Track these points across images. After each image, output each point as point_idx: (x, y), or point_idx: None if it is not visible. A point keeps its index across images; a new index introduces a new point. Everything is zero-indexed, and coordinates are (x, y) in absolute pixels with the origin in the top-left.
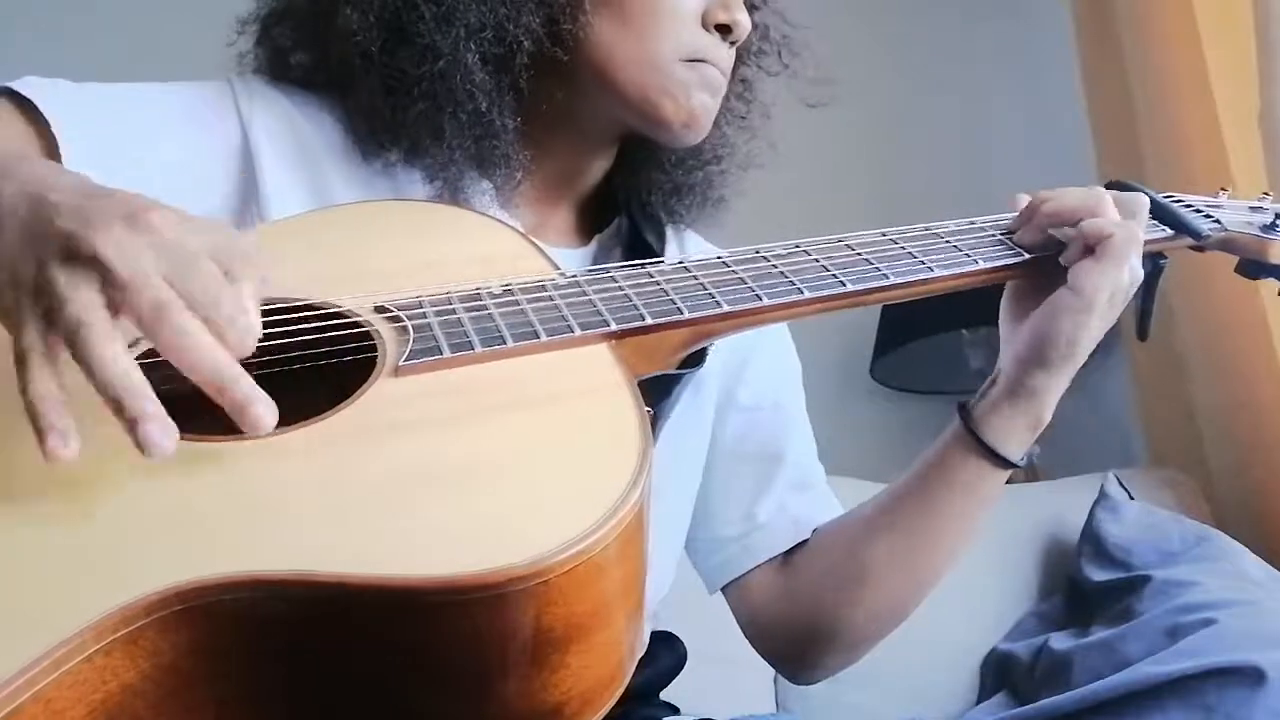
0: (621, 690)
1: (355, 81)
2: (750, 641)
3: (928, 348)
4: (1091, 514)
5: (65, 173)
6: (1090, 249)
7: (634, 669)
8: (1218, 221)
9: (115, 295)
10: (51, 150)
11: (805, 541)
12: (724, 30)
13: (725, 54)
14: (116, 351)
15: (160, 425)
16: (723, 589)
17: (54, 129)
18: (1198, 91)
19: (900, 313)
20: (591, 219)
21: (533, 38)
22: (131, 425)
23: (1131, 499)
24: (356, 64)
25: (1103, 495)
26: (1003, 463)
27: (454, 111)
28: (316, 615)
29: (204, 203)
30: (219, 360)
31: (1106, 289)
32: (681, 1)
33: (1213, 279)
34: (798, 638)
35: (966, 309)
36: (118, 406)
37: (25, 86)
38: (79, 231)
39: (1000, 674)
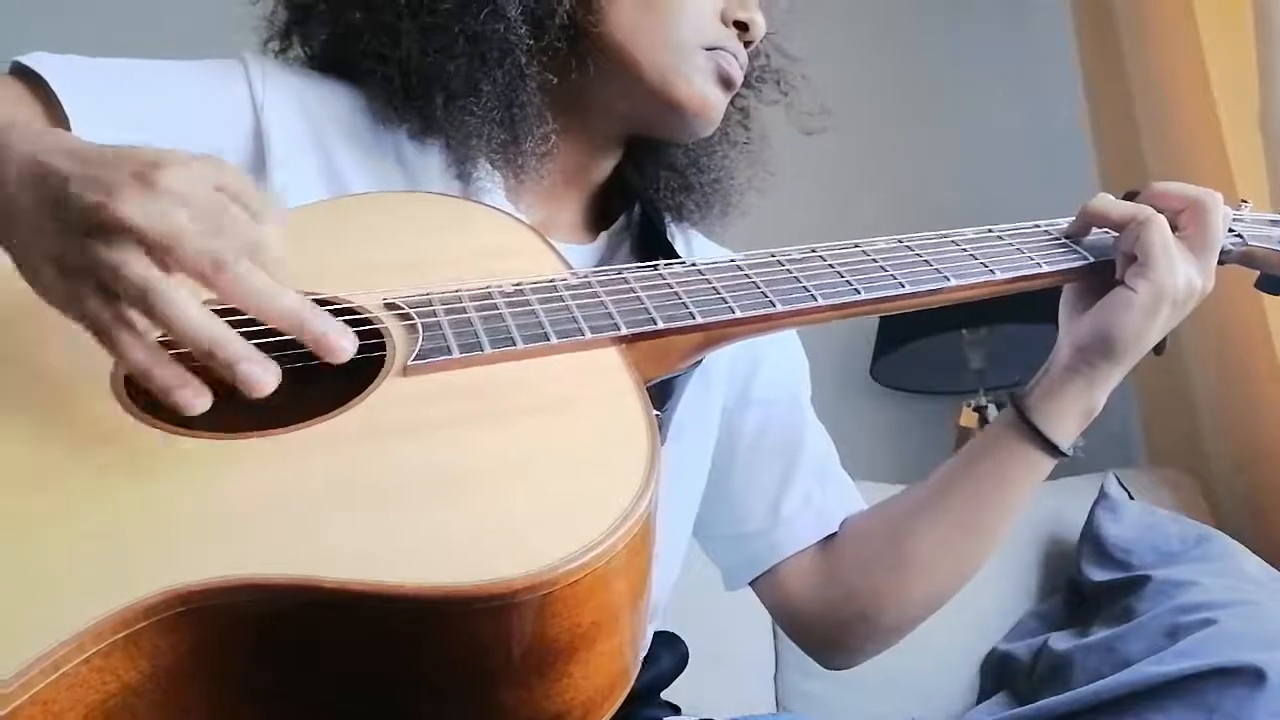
0: (624, 697)
1: (394, 34)
2: (782, 628)
3: (928, 348)
4: (1091, 514)
5: (53, 136)
6: (1133, 254)
7: (637, 674)
8: (1239, 236)
9: (160, 258)
10: (64, 128)
11: (836, 532)
12: (741, 28)
13: (740, 51)
14: (190, 304)
15: (259, 363)
16: (751, 582)
17: (65, 107)
18: (1198, 92)
19: (901, 313)
20: (598, 215)
21: (569, 0)
22: (229, 368)
23: (1131, 499)
24: (400, 11)
25: (1103, 495)
26: (1054, 451)
27: (490, 70)
28: (319, 620)
29: None
30: (290, 301)
31: (1160, 287)
32: None
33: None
34: (833, 625)
35: (967, 309)
36: (210, 354)
37: (37, 62)
38: (101, 201)
39: (1000, 674)
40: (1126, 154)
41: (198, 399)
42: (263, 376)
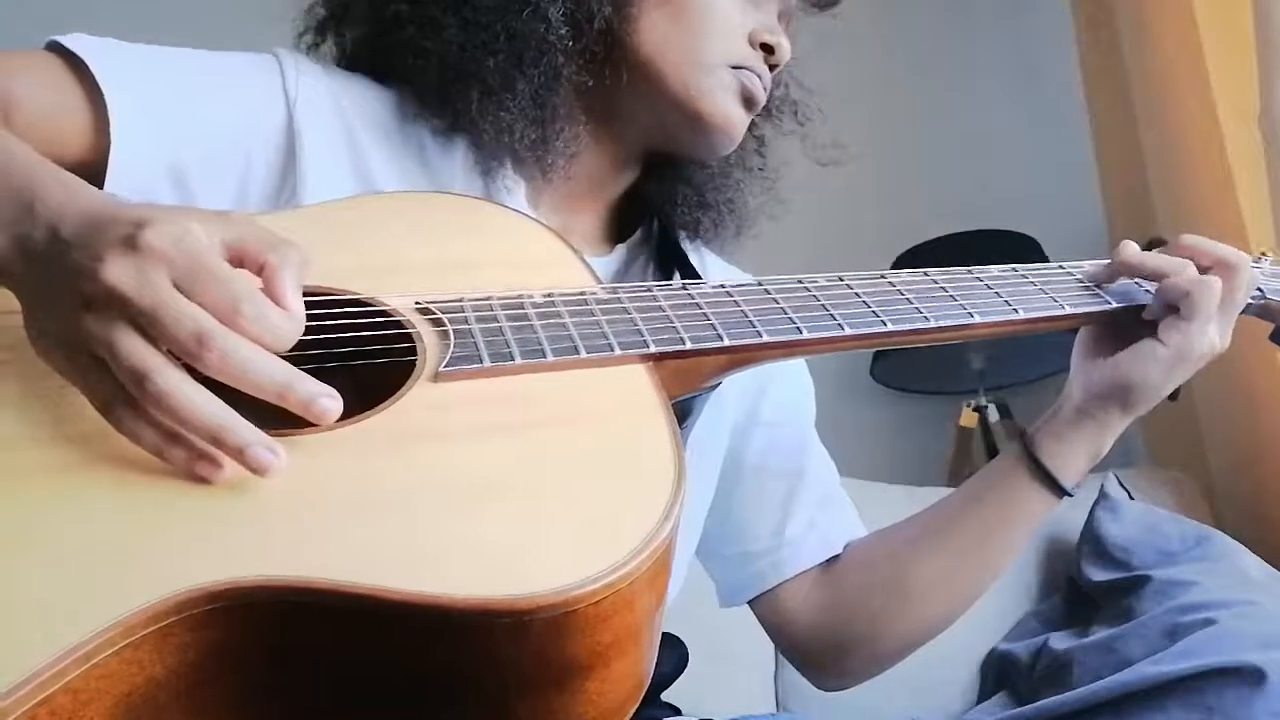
0: (635, 708)
1: (436, 27)
2: (780, 649)
3: (928, 348)
4: (1091, 514)
5: (74, 190)
6: (1174, 307)
7: (648, 688)
8: (1258, 290)
9: (144, 325)
10: (99, 109)
11: (839, 556)
12: (767, 50)
13: (765, 73)
14: (185, 389)
15: (264, 447)
16: (750, 601)
17: (103, 90)
18: (1198, 91)
19: None
20: (614, 227)
21: (607, 7)
22: (238, 456)
23: (1131, 499)
24: (443, 4)
25: (1103, 495)
26: (1059, 491)
27: (527, 68)
28: (342, 624)
29: (243, 176)
30: (272, 370)
31: (1189, 345)
32: (732, 14)
33: None
34: (831, 647)
35: None
36: (215, 440)
37: (75, 43)
38: (86, 267)
39: (1000, 674)
40: (1127, 155)
41: (214, 472)
42: (270, 460)
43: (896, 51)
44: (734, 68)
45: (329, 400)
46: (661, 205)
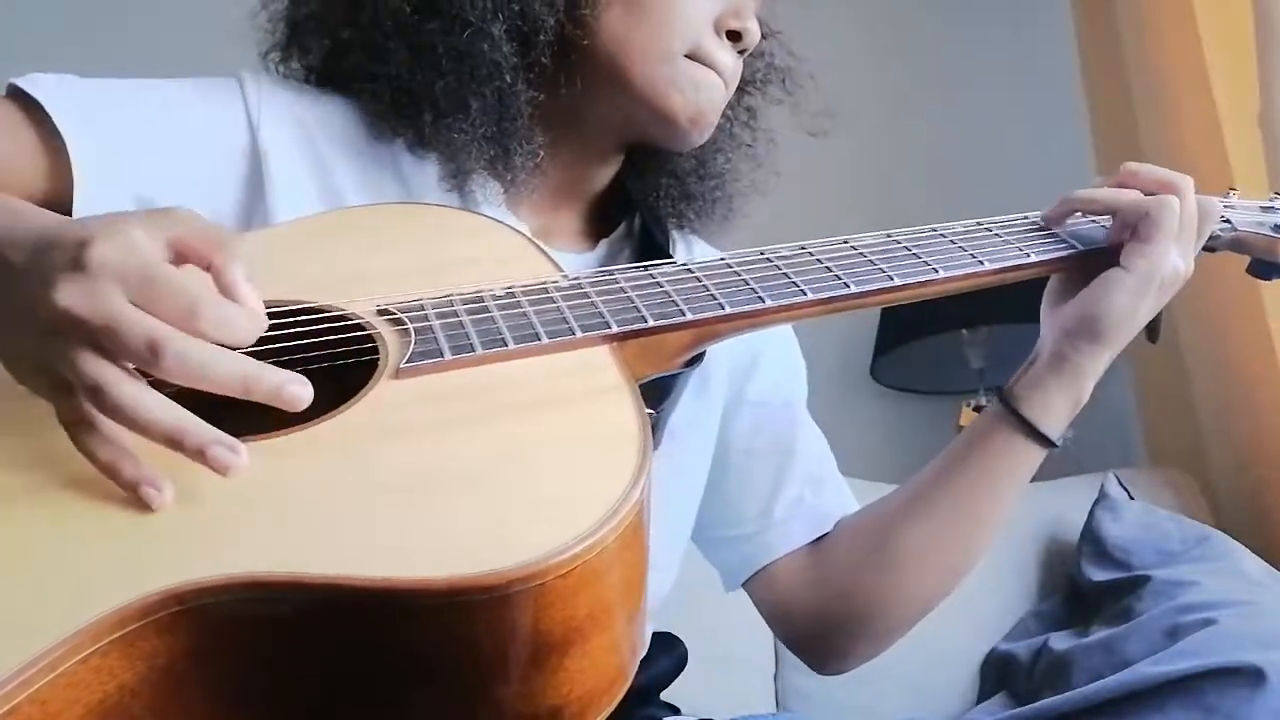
0: (623, 693)
1: (383, 53)
2: (776, 632)
3: (928, 348)
4: (1091, 514)
5: (21, 216)
6: (1134, 229)
7: (635, 671)
8: (1228, 221)
9: (101, 343)
10: (58, 151)
11: (829, 533)
12: (734, 37)
13: (732, 61)
14: (142, 397)
15: (224, 446)
16: (744, 583)
17: (62, 131)
18: (1198, 91)
19: (900, 313)
20: (598, 223)
21: (555, 16)
22: (199, 457)
23: (1131, 499)
24: (387, 30)
25: (1103, 495)
26: (1043, 440)
27: (477, 87)
28: (313, 617)
29: (212, 204)
30: (231, 365)
31: (1155, 267)
32: (695, 2)
33: (1213, 279)
34: (826, 627)
35: (966, 309)
36: (174, 444)
37: (32, 85)
38: (39, 293)
39: (1000, 674)
40: (1126, 154)
41: (161, 495)
42: (231, 459)
43: (894, 51)
44: (700, 60)
45: (298, 386)
46: (644, 199)
